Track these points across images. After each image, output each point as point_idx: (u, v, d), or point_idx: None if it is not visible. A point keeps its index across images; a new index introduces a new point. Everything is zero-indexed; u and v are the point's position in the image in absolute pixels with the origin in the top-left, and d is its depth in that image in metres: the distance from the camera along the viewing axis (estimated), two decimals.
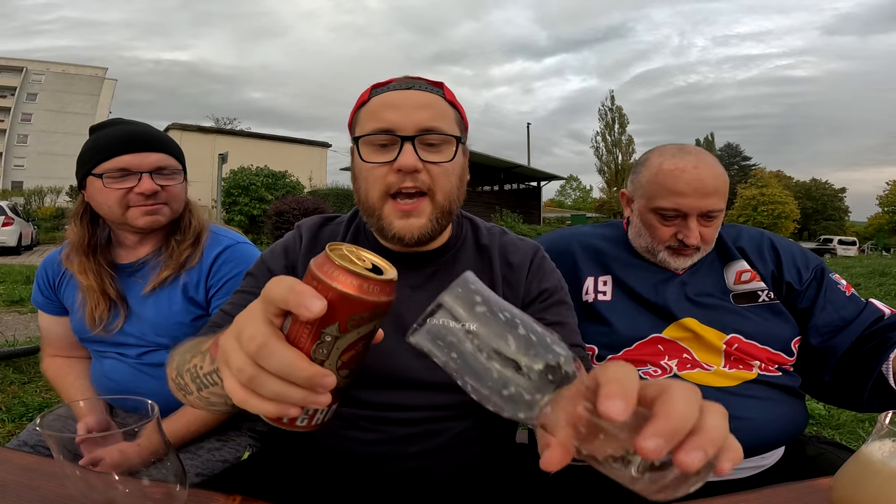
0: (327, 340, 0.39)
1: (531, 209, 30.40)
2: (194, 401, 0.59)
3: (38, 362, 3.38)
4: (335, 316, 0.38)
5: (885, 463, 0.50)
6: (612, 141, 46.57)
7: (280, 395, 0.39)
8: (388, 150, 0.78)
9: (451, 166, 0.79)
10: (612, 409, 0.31)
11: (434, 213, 0.79)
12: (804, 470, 0.97)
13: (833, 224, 42.33)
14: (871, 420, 2.51)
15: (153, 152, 1.09)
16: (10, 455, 0.74)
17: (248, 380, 0.39)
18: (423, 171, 0.77)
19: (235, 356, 0.39)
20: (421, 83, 0.82)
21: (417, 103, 0.78)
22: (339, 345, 0.40)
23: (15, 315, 5.26)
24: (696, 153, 1.05)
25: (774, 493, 0.66)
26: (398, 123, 0.76)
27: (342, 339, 0.39)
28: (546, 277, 0.88)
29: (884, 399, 0.96)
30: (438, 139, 0.78)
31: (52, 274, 1.20)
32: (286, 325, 0.40)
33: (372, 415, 0.80)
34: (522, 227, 22.50)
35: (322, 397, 0.39)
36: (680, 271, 1.10)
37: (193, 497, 0.67)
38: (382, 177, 0.77)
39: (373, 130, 0.78)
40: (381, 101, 0.79)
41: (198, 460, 1.04)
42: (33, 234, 18.29)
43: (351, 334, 0.40)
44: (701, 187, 1.00)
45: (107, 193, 1.06)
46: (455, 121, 0.82)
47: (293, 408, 0.40)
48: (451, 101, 0.83)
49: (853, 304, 1.05)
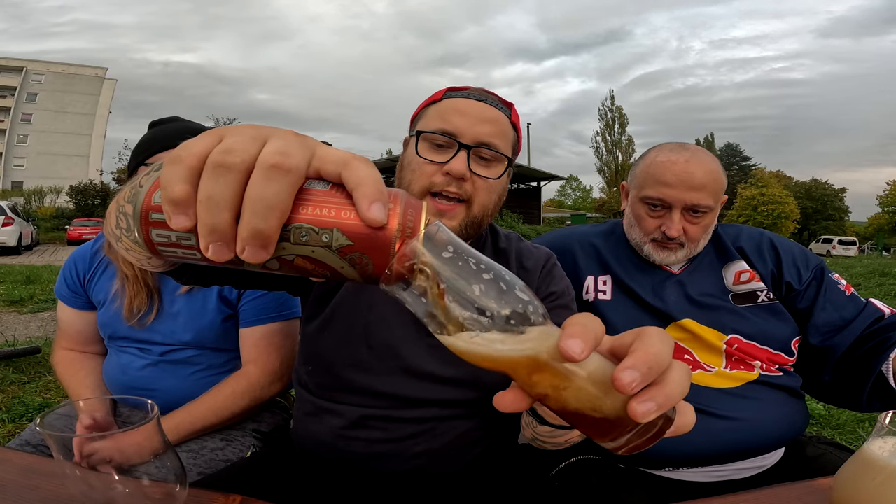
0: (321, 239, 0.31)
1: (531, 209, 30.40)
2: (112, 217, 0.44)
3: (38, 362, 3.37)
4: (360, 238, 0.32)
5: (886, 463, 0.50)
6: (612, 141, 46.62)
7: (211, 202, 0.30)
8: (443, 151, 0.81)
9: (496, 183, 0.83)
10: (571, 347, 0.30)
11: (466, 220, 0.82)
12: (804, 470, 0.97)
13: (833, 224, 42.28)
14: (871, 420, 2.51)
15: None
16: (10, 455, 0.74)
17: (218, 163, 0.30)
18: (469, 181, 0.80)
19: (244, 142, 0.31)
20: (493, 99, 0.85)
21: (484, 116, 0.81)
22: (320, 253, 0.32)
23: (15, 315, 5.26)
24: (694, 150, 1.06)
25: (774, 494, 0.66)
26: (461, 130, 0.80)
27: (328, 252, 0.32)
28: (555, 282, 0.92)
29: (884, 399, 0.96)
30: (492, 155, 0.82)
31: (83, 268, 1.21)
32: (314, 183, 0.33)
33: (381, 413, 0.81)
34: (522, 227, 22.48)
35: (223, 252, 0.31)
36: (677, 271, 1.10)
37: (193, 497, 0.67)
38: (430, 174, 0.80)
39: (436, 129, 0.81)
40: (452, 105, 0.83)
41: (200, 459, 1.04)
42: (33, 234, 18.30)
43: (339, 260, 0.32)
44: (688, 180, 1.01)
45: None
46: (512, 142, 0.86)
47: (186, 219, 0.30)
48: (514, 123, 0.87)
49: (853, 303, 1.05)
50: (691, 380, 0.36)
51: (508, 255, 0.93)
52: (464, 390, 0.81)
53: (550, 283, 0.92)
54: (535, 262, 0.92)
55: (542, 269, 0.92)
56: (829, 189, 44.43)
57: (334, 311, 0.85)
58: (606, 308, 1.08)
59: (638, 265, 1.11)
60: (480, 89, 0.87)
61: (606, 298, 1.09)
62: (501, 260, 0.92)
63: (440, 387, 0.81)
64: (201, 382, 1.14)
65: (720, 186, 1.04)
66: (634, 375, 0.30)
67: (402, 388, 0.81)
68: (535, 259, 0.93)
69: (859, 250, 31.82)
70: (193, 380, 1.15)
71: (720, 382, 0.99)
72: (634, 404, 0.31)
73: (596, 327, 0.33)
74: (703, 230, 1.05)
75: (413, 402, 0.81)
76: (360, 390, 0.82)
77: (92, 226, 20.96)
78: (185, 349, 1.15)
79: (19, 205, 21.72)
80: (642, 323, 1.05)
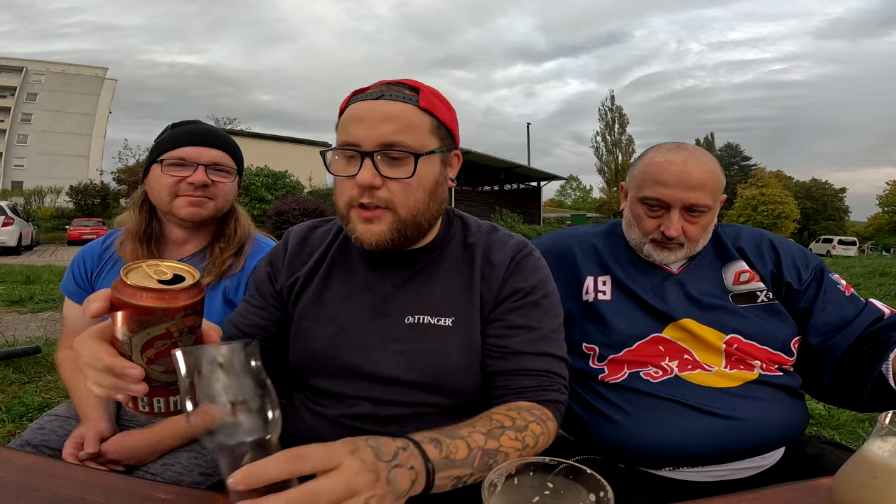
0: (123, 340, 0.50)
1: (531, 209, 30.41)
2: None
3: (38, 362, 3.37)
4: (122, 319, 0.50)
5: (886, 463, 0.50)
6: (612, 141, 46.61)
7: (97, 381, 0.53)
8: (352, 163, 0.79)
9: (414, 181, 0.78)
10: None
11: (395, 224, 0.79)
12: (804, 470, 0.97)
13: (833, 224, 42.23)
14: (871, 420, 2.51)
15: (214, 149, 1.16)
16: (11, 455, 0.74)
17: (82, 370, 0.53)
18: (384, 187, 0.78)
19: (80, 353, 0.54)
20: (395, 91, 0.80)
21: (382, 116, 0.77)
22: (136, 342, 0.50)
23: (15, 315, 5.26)
24: (692, 150, 1.06)
25: (774, 493, 0.66)
26: (361, 138, 0.77)
27: (135, 337, 0.50)
28: (525, 277, 0.86)
29: (884, 399, 0.96)
30: (400, 154, 0.77)
31: (91, 264, 1.21)
32: None
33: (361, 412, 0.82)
34: (522, 227, 22.49)
35: (133, 385, 0.51)
36: (676, 270, 1.10)
37: (193, 497, 0.67)
38: (348, 189, 0.79)
39: (339, 144, 0.80)
40: (350, 114, 0.80)
41: (202, 460, 1.04)
42: (33, 234, 18.30)
43: (140, 335, 0.50)
44: (686, 179, 1.01)
45: (161, 179, 1.13)
46: (427, 130, 0.80)
47: (118, 392, 0.52)
48: (426, 108, 0.80)
49: (853, 303, 1.05)
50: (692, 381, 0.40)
51: (475, 249, 0.88)
52: (430, 395, 0.82)
53: (519, 278, 0.86)
54: (503, 256, 0.87)
55: (510, 262, 0.87)
56: (829, 189, 44.40)
57: (299, 324, 0.88)
58: (606, 308, 1.08)
59: (637, 265, 1.11)
60: (379, 84, 0.82)
61: (606, 298, 1.09)
62: (467, 256, 0.88)
63: (409, 390, 0.82)
64: None
65: (718, 186, 1.04)
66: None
67: (376, 392, 0.82)
68: (505, 252, 0.88)
69: (859, 250, 31.80)
70: None
71: (720, 382, 0.99)
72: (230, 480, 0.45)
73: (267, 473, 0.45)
74: (702, 230, 1.05)
75: (390, 402, 0.82)
76: (338, 394, 0.84)
77: (92, 226, 20.95)
78: None
79: (19, 205, 21.68)
80: (642, 323, 1.06)
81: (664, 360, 1.01)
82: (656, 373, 1.01)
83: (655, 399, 0.98)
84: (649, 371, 1.01)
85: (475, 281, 0.86)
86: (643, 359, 1.02)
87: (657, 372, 1.01)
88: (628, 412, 0.99)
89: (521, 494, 0.42)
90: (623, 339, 1.04)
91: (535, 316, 0.85)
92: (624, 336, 1.04)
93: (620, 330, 1.05)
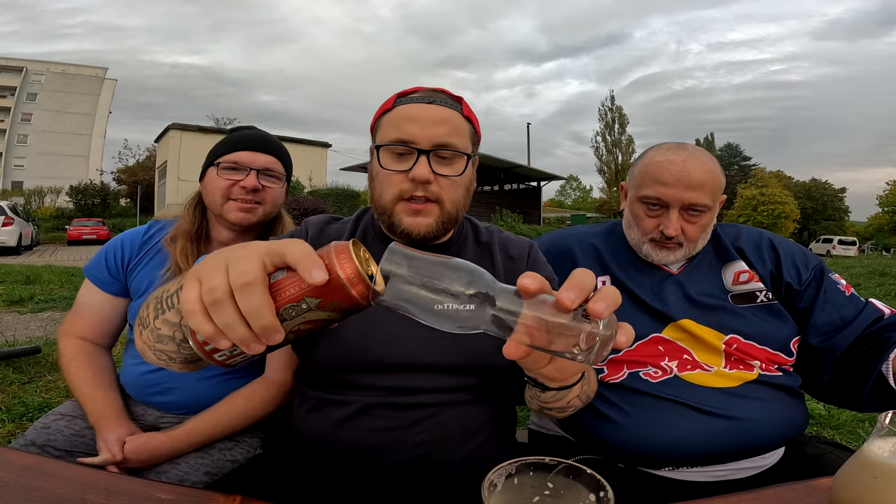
0: (303, 308, 0.44)
1: (531, 209, 30.39)
2: (147, 337, 0.55)
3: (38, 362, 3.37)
4: (323, 293, 0.44)
5: (886, 463, 0.50)
6: (612, 141, 46.58)
7: (227, 327, 0.43)
8: (404, 159, 0.84)
9: (460, 179, 0.86)
10: (524, 283, 0.44)
11: (441, 217, 0.86)
12: (804, 470, 0.97)
13: (833, 224, 42.21)
14: (871, 420, 2.51)
15: (266, 154, 1.22)
16: (11, 455, 0.74)
17: (212, 301, 0.43)
18: (434, 182, 0.84)
19: (216, 277, 0.43)
20: (442, 98, 0.87)
21: (436, 118, 0.84)
22: (308, 316, 0.45)
23: (15, 315, 5.26)
24: (692, 150, 1.06)
25: (774, 493, 0.66)
26: (416, 136, 0.83)
27: (314, 312, 0.45)
28: (541, 269, 0.97)
29: (884, 399, 0.96)
30: (451, 154, 0.84)
31: (130, 254, 1.21)
32: (276, 275, 0.45)
33: (384, 401, 0.82)
34: (522, 227, 22.48)
35: (258, 346, 0.44)
36: (675, 271, 1.10)
37: (193, 497, 0.67)
38: (398, 183, 0.84)
39: (393, 141, 0.84)
40: (403, 113, 0.85)
41: (208, 459, 1.04)
42: (33, 234, 18.30)
43: (323, 313, 0.45)
44: (685, 179, 1.01)
45: (216, 182, 1.19)
46: (469, 136, 0.88)
47: (226, 341, 0.44)
48: (467, 116, 0.89)
49: (853, 303, 1.05)
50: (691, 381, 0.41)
51: (492, 247, 0.96)
52: (463, 377, 0.84)
53: (537, 269, 0.95)
54: (519, 251, 0.97)
55: (527, 257, 0.97)
56: (829, 189, 44.37)
57: None
58: None
59: (637, 265, 1.11)
60: (428, 90, 0.89)
61: None
62: (485, 252, 0.96)
63: (440, 376, 0.83)
64: (217, 383, 1.14)
65: (718, 186, 1.04)
66: (571, 294, 0.43)
67: (404, 380, 0.82)
68: (519, 248, 0.98)
69: (859, 250, 31.80)
70: (213, 382, 1.15)
71: (719, 382, 0.99)
72: (592, 304, 0.44)
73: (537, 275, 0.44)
74: (701, 230, 1.05)
75: (415, 390, 0.82)
76: (362, 386, 0.83)
77: (92, 226, 20.96)
78: None
79: (19, 205, 21.69)
80: (641, 323, 1.06)
81: (664, 361, 1.01)
82: (656, 373, 1.01)
83: (655, 399, 0.98)
84: (649, 371, 1.01)
85: (499, 273, 0.92)
86: (643, 359, 1.02)
87: (657, 372, 1.01)
88: (628, 412, 0.99)
89: (521, 494, 0.42)
90: None
91: None
92: None
93: None
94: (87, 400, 1.09)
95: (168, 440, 1.01)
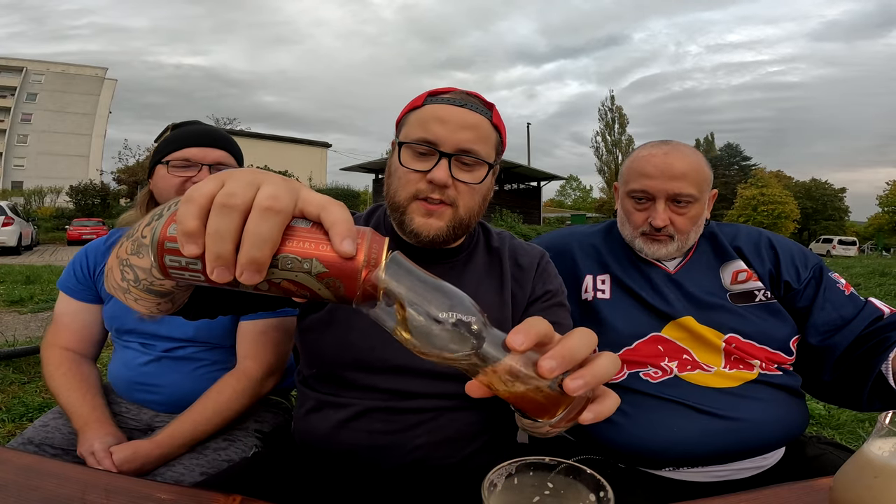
0: (304, 266, 0.40)
1: (531, 209, 30.40)
2: (126, 247, 0.51)
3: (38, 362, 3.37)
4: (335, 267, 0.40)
5: (886, 463, 0.50)
6: (612, 141, 46.61)
7: (216, 235, 0.37)
8: (425, 159, 0.82)
9: (479, 187, 0.85)
10: (514, 341, 0.39)
11: (453, 221, 0.84)
12: (804, 470, 0.97)
13: (833, 224, 42.20)
14: (871, 420, 2.51)
15: (216, 149, 1.19)
16: (10, 455, 0.74)
17: (222, 203, 0.37)
18: (452, 187, 0.82)
19: (242, 186, 0.38)
20: (474, 102, 0.85)
21: (465, 123, 0.81)
22: (301, 277, 0.41)
23: (15, 315, 5.26)
24: (675, 144, 1.08)
25: (774, 494, 0.66)
26: (441, 138, 0.81)
27: (308, 276, 0.40)
28: (550, 280, 0.95)
29: (884, 399, 0.96)
30: (473, 161, 0.82)
31: (95, 261, 1.22)
32: (298, 222, 0.41)
33: (383, 405, 0.82)
34: (522, 227, 22.48)
35: (225, 274, 0.38)
36: (673, 269, 1.10)
37: (193, 497, 0.67)
38: (415, 182, 0.82)
39: (417, 139, 0.82)
40: (432, 112, 0.83)
41: (203, 459, 1.04)
42: (33, 234, 18.29)
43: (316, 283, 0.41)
44: (668, 170, 1.03)
45: (168, 180, 1.15)
46: (494, 145, 0.86)
47: (196, 248, 0.38)
48: (496, 124, 0.87)
49: (852, 303, 1.05)
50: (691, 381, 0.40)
51: (502, 253, 0.94)
52: (461, 384, 0.82)
53: (546, 280, 0.94)
54: (529, 260, 0.95)
55: (536, 267, 0.95)
56: (829, 189, 44.34)
57: (332, 314, 0.87)
58: (605, 307, 1.08)
59: (636, 264, 1.11)
60: (461, 92, 0.87)
61: (605, 297, 1.09)
62: (494, 259, 0.94)
63: (438, 382, 0.83)
64: (205, 378, 1.14)
65: (703, 177, 1.05)
66: (552, 364, 0.39)
67: (403, 384, 0.82)
68: (530, 257, 0.96)
69: (859, 250, 31.80)
70: (196, 376, 1.15)
71: (719, 382, 0.99)
72: (568, 381, 0.40)
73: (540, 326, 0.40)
74: (691, 222, 1.06)
75: (414, 394, 0.82)
76: (363, 387, 0.83)
77: (92, 226, 20.94)
78: (188, 346, 1.15)
79: (19, 205, 21.70)
80: (641, 321, 1.06)
81: (663, 361, 1.01)
82: (656, 373, 1.01)
83: (655, 399, 0.99)
84: (649, 371, 1.01)
85: (506, 282, 0.91)
86: (642, 359, 1.02)
87: (657, 372, 1.01)
88: (628, 412, 0.99)
89: (521, 494, 0.42)
90: (622, 339, 1.04)
91: (561, 314, 0.93)
92: (623, 335, 1.04)
93: (619, 329, 1.05)
94: (73, 404, 1.09)
95: (154, 447, 1.01)
